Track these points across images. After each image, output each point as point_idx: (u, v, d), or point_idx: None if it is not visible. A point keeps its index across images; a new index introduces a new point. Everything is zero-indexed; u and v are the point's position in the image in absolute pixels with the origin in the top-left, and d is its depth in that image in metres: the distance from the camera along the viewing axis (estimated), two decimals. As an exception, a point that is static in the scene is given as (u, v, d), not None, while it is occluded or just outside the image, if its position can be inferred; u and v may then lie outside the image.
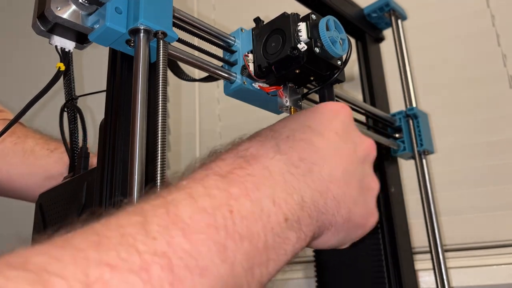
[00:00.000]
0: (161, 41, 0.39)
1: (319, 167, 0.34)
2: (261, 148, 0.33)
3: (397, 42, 0.80)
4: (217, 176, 0.29)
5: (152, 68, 0.39)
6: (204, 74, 0.50)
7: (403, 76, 0.78)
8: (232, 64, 0.49)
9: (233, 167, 0.30)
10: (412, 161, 0.74)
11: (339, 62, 0.46)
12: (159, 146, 0.36)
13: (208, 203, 0.26)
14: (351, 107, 0.66)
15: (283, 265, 0.30)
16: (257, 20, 0.49)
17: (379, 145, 0.73)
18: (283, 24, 0.45)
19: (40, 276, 0.18)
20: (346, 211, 0.35)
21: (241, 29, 0.50)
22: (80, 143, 0.50)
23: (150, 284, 0.21)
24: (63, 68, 0.43)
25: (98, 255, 0.20)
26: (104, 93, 0.43)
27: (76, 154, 0.50)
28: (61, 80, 0.45)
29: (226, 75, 0.47)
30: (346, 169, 0.36)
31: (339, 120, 0.38)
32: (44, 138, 0.65)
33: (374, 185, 0.40)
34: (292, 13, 0.46)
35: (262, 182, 0.30)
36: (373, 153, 0.40)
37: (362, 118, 0.72)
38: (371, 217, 0.39)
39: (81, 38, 0.44)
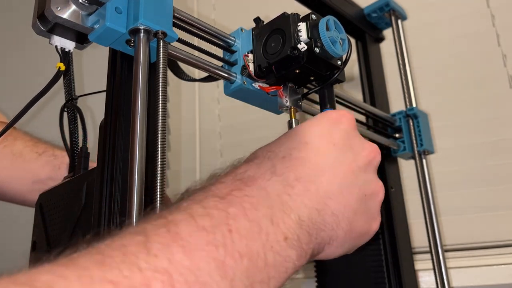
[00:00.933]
0: (161, 41, 0.39)
1: (316, 185, 0.34)
2: (258, 170, 0.33)
3: (397, 42, 0.80)
4: (216, 197, 0.30)
5: (152, 68, 0.39)
6: (204, 74, 0.50)
7: (403, 76, 0.78)
8: (232, 64, 0.49)
9: (231, 189, 0.31)
10: (412, 161, 0.74)
11: (339, 62, 0.46)
12: (159, 146, 0.36)
13: (208, 223, 0.27)
14: (351, 107, 0.66)
15: (284, 282, 0.30)
16: (257, 20, 0.49)
17: (379, 145, 0.74)
18: (283, 24, 0.45)
19: None
20: (346, 223, 0.36)
21: (241, 29, 0.50)
22: (80, 143, 0.50)
23: None
24: (63, 68, 0.43)
25: (102, 273, 0.21)
26: (104, 93, 0.43)
27: (76, 154, 0.50)
28: (61, 80, 0.45)
29: (226, 75, 0.47)
30: (344, 181, 0.36)
31: (338, 130, 0.38)
32: (33, 140, 0.65)
33: (378, 190, 0.40)
34: (292, 13, 0.46)
35: (260, 203, 0.30)
36: (376, 158, 0.40)
37: (362, 118, 0.72)
38: (373, 223, 0.39)
39: (81, 38, 0.44)
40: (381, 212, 0.72)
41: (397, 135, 0.75)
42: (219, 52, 0.50)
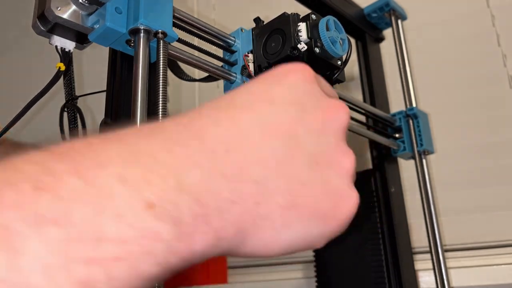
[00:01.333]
0: (161, 41, 0.40)
1: (227, 146, 0.24)
2: (134, 129, 0.24)
3: (397, 42, 0.80)
4: (48, 152, 0.22)
5: (152, 68, 0.39)
6: (204, 74, 0.50)
7: (403, 76, 0.78)
8: (232, 64, 0.49)
9: (77, 146, 0.22)
10: (412, 161, 0.74)
11: (339, 62, 0.46)
12: (159, 146, 0.36)
13: (13, 176, 0.20)
14: (351, 107, 0.66)
15: (155, 273, 0.21)
16: (257, 20, 0.49)
17: (379, 145, 0.74)
18: (283, 24, 0.45)
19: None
20: (286, 197, 0.26)
21: (241, 29, 0.50)
22: (80, 143, 0.50)
23: None
24: (63, 68, 0.43)
25: None
26: (104, 93, 0.43)
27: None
28: (61, 80, 0.45)
29: (226, 75, 0.47)
30: (282, 144, 0.26)
31: (281, 85, 0.28)
32: (15, 145, 0.65)
33: (342, 159, 0.28)
34: (292, 13, 0.46)
35: (112, 159, 0.22)
36: (337, 119, 0.29)
37: (362, 118, 0.72)
38: (342, 202, 0.27)
39: (81, 38, 0.44)
40: (381, 212, 0.72)
41: (397, 135, 0.75)
42: (219, 52, 0.50)
